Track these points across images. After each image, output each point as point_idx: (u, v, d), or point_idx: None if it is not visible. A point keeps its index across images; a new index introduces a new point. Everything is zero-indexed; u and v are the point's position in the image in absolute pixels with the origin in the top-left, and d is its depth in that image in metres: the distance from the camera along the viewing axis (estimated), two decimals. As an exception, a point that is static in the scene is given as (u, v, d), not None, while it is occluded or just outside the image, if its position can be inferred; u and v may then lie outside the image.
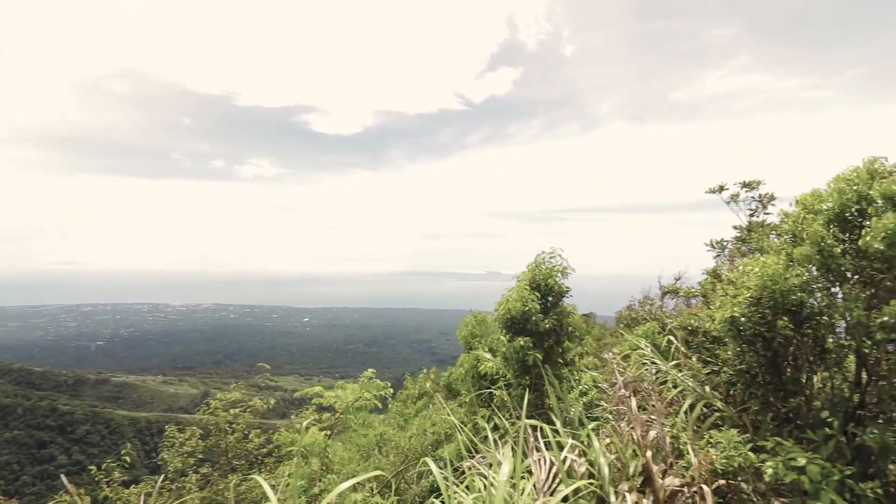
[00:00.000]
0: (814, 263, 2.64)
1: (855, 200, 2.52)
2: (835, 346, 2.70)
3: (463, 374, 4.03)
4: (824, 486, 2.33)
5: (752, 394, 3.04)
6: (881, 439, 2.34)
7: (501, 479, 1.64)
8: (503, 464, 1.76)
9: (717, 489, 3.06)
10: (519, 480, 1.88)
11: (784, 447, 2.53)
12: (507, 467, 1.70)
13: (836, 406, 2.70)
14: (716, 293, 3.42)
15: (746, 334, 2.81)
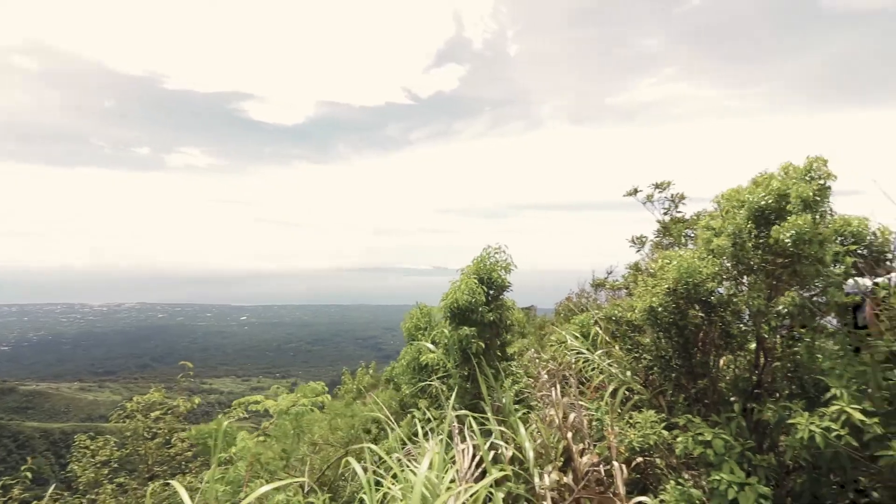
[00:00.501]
0: (727, 255, 2.88)
1: (775, 199, 2.75)
2: (739, 333, 2.96)
3: (404, 366, 4.03)
4: (727, 458, 2.57)
5: (666, 377, 3.29)
6: (775, 414, 2.60)
7: (421, 470, 1.65)
8: (425, 455, 1.78)
9: (635, 466, 3.30)
10: (442, 469, 1.91)
11: (694, 424, 2.75)
12: (427, 458, 1.72)
13: (738, 386, 2.98)
14: (637, 285, 3.66)
15: (662, 322, 3.02)
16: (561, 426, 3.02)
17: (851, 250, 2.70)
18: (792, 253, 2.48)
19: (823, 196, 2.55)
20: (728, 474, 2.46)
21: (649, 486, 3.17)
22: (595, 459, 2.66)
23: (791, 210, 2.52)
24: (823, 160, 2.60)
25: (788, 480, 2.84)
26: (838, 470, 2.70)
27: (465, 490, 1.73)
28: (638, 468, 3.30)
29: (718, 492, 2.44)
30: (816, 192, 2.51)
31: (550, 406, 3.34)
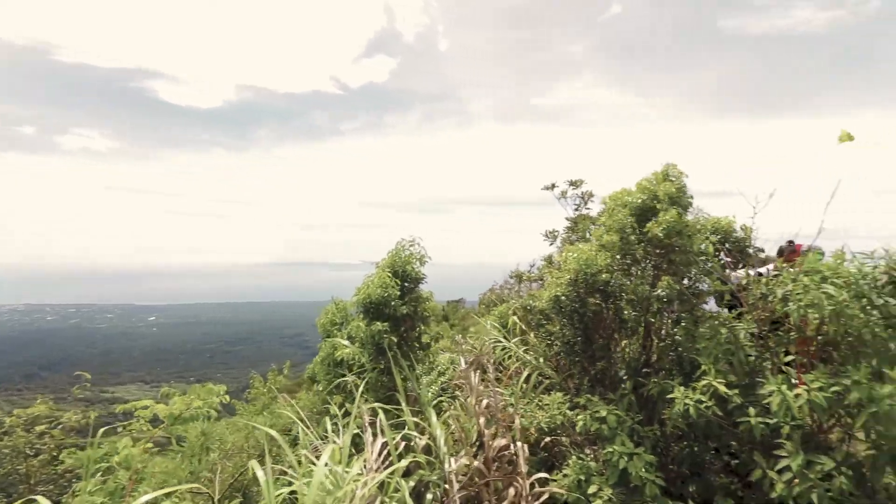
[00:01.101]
0: (616, 249, 3.15)
1: (650, 198, 3.08)
2: (630, 318, 3.26)
3: (319, 363, 3.94)
4: (619, 432, 2.83)
5: (572, 361, 3.55)
6: (659, 388, 2.91)
7: (320, 463, 1.63)
8: (326, 449, 1.76)
9: (545, 445, 3.53)
10: (346, 462, 1.90)
11: (592, 403, 3.00)
12: (327, 452, 1.71)
13: (630, 366, 3.29)
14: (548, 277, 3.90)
15: (566, 310, 3.25)
16: (476, 412, 3.13)
17: (718, 243, 3.10)
18: (666, 244, 2.78)
19: (682, 194, 2.90)
20: (620, 446, 2.71)
21: (556, 463, 3.41)
22: (504, 442, 2.79)
23: (660, 208, 2.83)
24: (675, 165, 2.97)
25: (672, 448, 3.20)
26: (713, 436, 3.09)
27: (371, 479, 1.74)
28: (547, 447, 3.53)
29: (611, 463, 2.69)
30: (678, 191, 2.86)
31: (468, 393, 3.46)
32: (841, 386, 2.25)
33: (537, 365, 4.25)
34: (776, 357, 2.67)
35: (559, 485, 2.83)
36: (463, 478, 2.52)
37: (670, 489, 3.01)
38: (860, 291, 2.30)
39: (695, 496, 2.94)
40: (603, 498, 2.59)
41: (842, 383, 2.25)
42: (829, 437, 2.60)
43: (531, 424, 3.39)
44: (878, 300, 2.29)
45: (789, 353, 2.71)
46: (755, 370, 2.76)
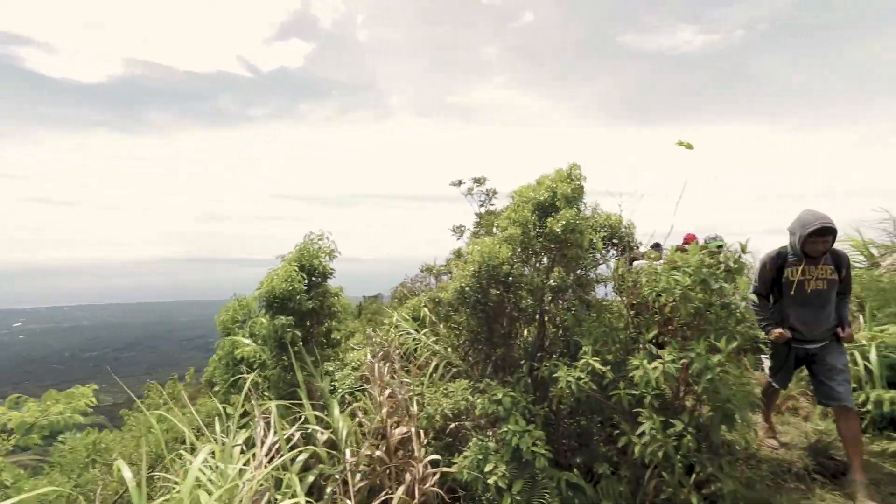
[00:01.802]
0: (517, 242, 3.38)
1: (551, 196, 3.33)
2: (528, 306, 3.52)
3: (217, 362, 3.71)
4: (514, 412, 3.05)
5: (476, 349, 3.75)
6: (550, 370, 3.18)
7: (195, 463, 1.58)
8: (204, 448, 1.71)
9: (450, 430, 3.69)
10: (230, 459, 1.85)
11: (491, 387, 3.20)
12: (204, 451, 1.66)
13: (527, 351, 3.56)
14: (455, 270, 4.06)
15: (470, 301, 3.42)
16: (380, 403, 3.19)
17: (606, 238, 3.47)
18: (562, 239, 3.06)
19: (579, 194, 3.21)
20: (514, 425, 2.93)
21: (460, 446, 3.58)
22: (405, 430, 2.88)
23: (560, 205, 3.10)
24: (578, 166, 3.27)
25: (562, 424, 3.52)
26: (598, 411, 3.46)
27: (258, 474, 1.71)
28: (452, 433, 3.70)
29: (506, 441, 2.90)
30: (574, 191, 3.15)
31: (374, 385, 3.50)
32: (687, 358, 2.66)
33: (445, 355, 4.42)
34: (642, 336, 3.06)
35: (460, 466, 2.98)
36: (366, 468, 2.56)
37: (560, 461, 3.31)
38: (702, 278, 2.73)
39: (580, 465, 3.26)
40: (497, 474, 2.78)
41: (688, 356, 2.66)
42: (683, 404, 3.04)
43: (436, 412, 3.52)
44: (715, 285, 2.73)
45: (654, 333, 3.13)
46: (628, 349, 3.15)
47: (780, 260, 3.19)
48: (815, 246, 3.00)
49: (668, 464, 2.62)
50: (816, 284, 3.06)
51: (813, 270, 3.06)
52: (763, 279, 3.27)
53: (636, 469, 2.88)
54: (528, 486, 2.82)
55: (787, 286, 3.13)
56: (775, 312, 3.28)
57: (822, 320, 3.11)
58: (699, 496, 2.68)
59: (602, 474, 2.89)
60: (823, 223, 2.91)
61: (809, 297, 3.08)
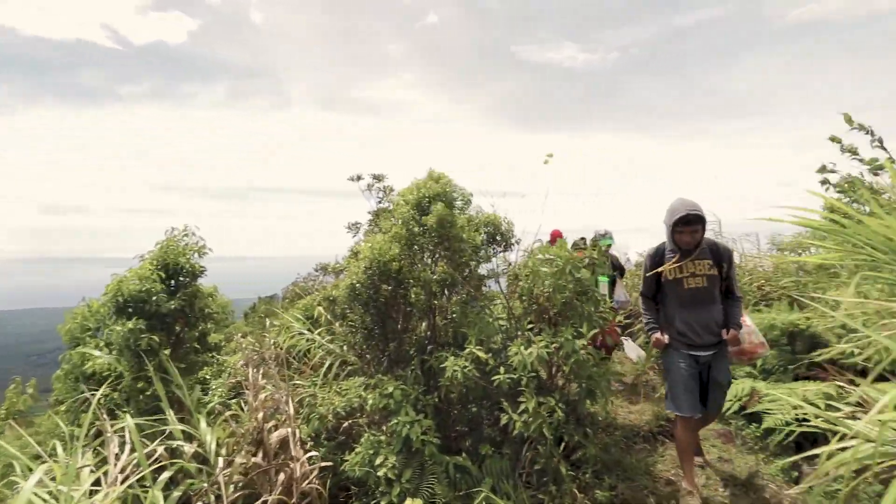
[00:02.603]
0: (404, 240, 3.46)
1: (426, 195, 3.46)
2: (418, 300, 3.62)
3: (62, 378, 3.20)
4: (405, 405, 3.13)
5: (370, 346, 3.76)
6: (439, 362, 3.32)
7: (26, 487, 1.39)
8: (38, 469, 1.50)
9: (343, 429, 3.65)
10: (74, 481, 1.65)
11: (382, 381, 3.25)
12: (38, 473, 1.46)
13: (418, 344, 3.67)
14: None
15: (362, 298, 3.42)
16: (255, 408, 3.05)
17: (489, 234, 3.71)
18: (442, 235, 3.21)
19: (449, 192, 3.45)
20: (404, 416, 3.02)
21: (354, 445, 3.57)
22: (284, 432, 2.79)
23: (434, 203, 3.28)
24: (436, 170, 3.55)
25: (451, 412, 3.70)
26: (485, 397, 3.68)
27: (111, 493, 1.54)
28: (345, 431, 3.67)
29: (396, 433, 2.97)
30: (443, 189, 3.38)
31: (250, 390, 3.33)
32: (557, 342, 2.97)
33: (341, 353, 4.35)
34: (521, 325, 3.34)
35: (351, 462, 2.98)
36: (241, 477, 2.43)
37: (450, 446, 3.48)
38: (567, 270, 3.07)
39: (469, 449, 3.45)
40: (387, 466, 2.84)
41: (558, 341, 2.98)
42: (556, 383, 3.39)
43: (329, 411, 3.47)
44: (578, 275, 3.09)
45: (531, 322, 3.43)
46: (509, 337, 3.41)
47: (657, 257, 2.95)
48: (682, 237, 2.75)
49: (542, 437, 2.91)
50: (695, 281, 2.78)
51: (689, 266, 2.79)
52: (646, 279, 3.02)
53: (515, 446, 3.14)
54: (417, 473, 2.92)
55: (667, 285, 2.90)
56: (662, 315, 3.03)
57: (708, 322, 2.79)
58: (567, 463, 3.02)
59: (486, 454, 3.10)
60: (690, 210, 2.64)
61: (689, 296, 2.81)
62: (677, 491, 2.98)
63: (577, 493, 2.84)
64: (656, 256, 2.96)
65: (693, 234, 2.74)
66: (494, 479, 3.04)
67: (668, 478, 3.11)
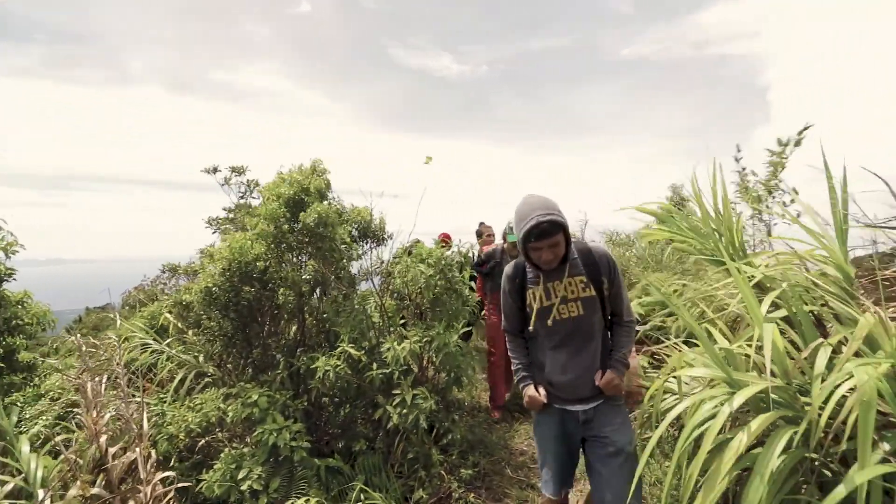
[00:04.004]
0: (271, 238, 3.28)
1: (301, 190, 3.33)
2: (285, 301, 3.46)
3: None
4: (271, 411, 2.97)
5: (230, 353, 3.47)
6: (309, 363, 3.22)
7: None
8: None
9: (200, 448, 3.31)
10: None
11: (245, 389, 3.03)
12: None
13: (285, 348, 3.51)
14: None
15: (220, 301, 3.14)
16: (95, 430, 2.61)
17: (358, 232, 3.72)
18: (315, 233, 3.14)
19: (328, 188, 3.38)
20: (270, 424, 2.86)
21: (213, 463, 3.26)
22: (134, 455, 2.45)
23: (310, 200, 3.18)
24: (321, 160, 3.45)
25: (323, 414, 3.62)
26: (359, 396, 3.67)
27: None
28: (202, 449, 3.32)
29: (262, 442, 2.81)
30: (325, 185, 3.30)
31: (87, 410, 2.83)
32: (429, 337, 3.13)
33: (196, 364, 3.92)
34: (394, 322, 3.43)
35: (209, 481, 2.73)
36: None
37: (323, 450, 3.40)
38: (440, 269, 3.26)
39: (342, 449, 3.42)
40: (252, 478, 2.67)
41: (430, 335, 3.14)
42: (426, 375, 3.56)
43: (180, 429, 3.11)
44: (450, 274, 3.31)
45: (404, 318, 3.55)
46: (382, 334, 3.48)
47: (517, 278, 2.07)
48: (540, 254, 1.86)
49: (415, 427, 3.04)
50: (567, 310, 1.93)
51: (557, 288, 1.95)
52: (507, 309, 2.13)
53: (388, 438, 3.22)
54: (286, 481, 2.81)
55: (534, 316, 1.99)
56: (532, 354, 2.12)
57: (586, 364, 1.95)
58: (437, 448, 3.21)
59: (359, 451, 3.12)
60: (542, 216, 1.76)
61: (561, 331, 1.96)
62: (530, 459, 3.39)
63: (444, 475, 3.04)
64: (515, 278, 2.06)
65: (553, 249, 1.83)
66: (367, 474, 3.07)
67: (522, 448, 3.52)
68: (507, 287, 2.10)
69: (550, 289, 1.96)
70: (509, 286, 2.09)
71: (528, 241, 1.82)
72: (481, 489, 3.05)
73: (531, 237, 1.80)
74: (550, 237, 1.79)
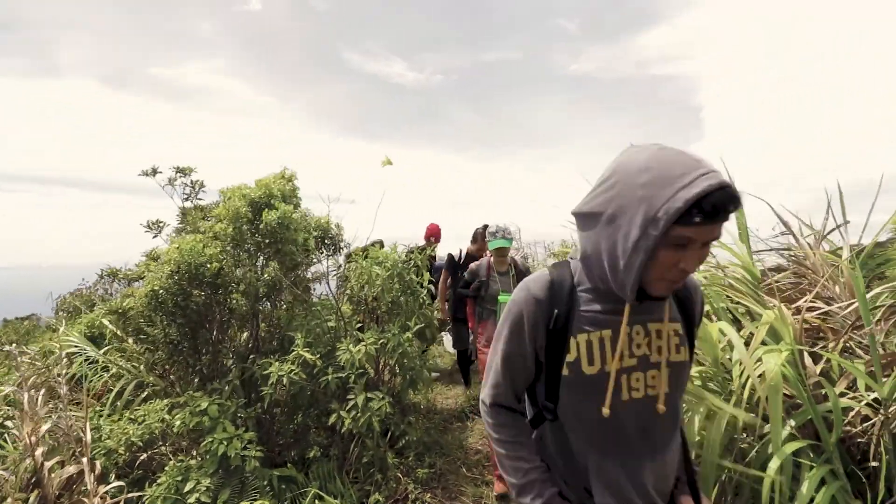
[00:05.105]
0: (229, 240, 3.21)
1: (266, 194, 3.28)
2: (238, 306, 3.38)
3: None
4: (222, 420, 2.88)
5: (177, 361, 3.33)
6: (262, 369, 3.16)
7: None
8: None
9: (140, 463, 3.14)
10: None
11: (194, 398, 2.92)
12: None
13: (239, 354, 3.41)
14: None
15: (166, 306, 3.02)
16: (30, 444, 2.43)
17: (318, 238, 3.70)
18: (278, 236, 3.11)
19: (294, 193, 3.37)
20: (220, 433, 2.78)
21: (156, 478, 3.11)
22: (73, 469, 2.31)
23: (276, 203, 3.16)
24: (294, 172, 3.46)
25: (276, 422, 3.54)
26: (313, 403, 3.62)
27: None
28: (143, 463, 3.15)
29: (211, 452, 2.71)
30: (291, 190, 3.29)
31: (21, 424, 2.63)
32: (385, 339, 3.17)
33: (136, 374, 3.71)
34: (350, 325, 3.44)
35: (152, 496, 2.60)
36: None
37: (275, 459, 3.33)
38: (396, 271, 3.31)
39: (295, 459, 3.36)
40: (199, 490, 2.58)
41: (385, 336, 3.17)
42: (382, 378, 3.58)
43: (119, 444, 2.94)
44: (406, 277, 3.36)
45: (360, 321, 3.56)
46: (338, 338, 3.47)
47: (556, 308, 0.98)
48: (684, 257, 0.82)
49: (370, 431, 3.05)
50: (644, 382, 0.97)
51: (640, 339, 0.96)
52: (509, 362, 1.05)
53: (343, 444, 3.21)
54: (236, 492, 2.73)
55: (570, 385, 0.97)
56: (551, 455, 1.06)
57: (662, 482, 1.00)
58: (393, 451, 3.23)
59: (313, 458, 3.09)
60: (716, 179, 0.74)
61: (625, 425, 0.97)
62: (484, 458, 3.48)
63: (400, 477, 3.07)
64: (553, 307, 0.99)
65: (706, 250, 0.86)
66: (322, 481, 3.04)
67: (477, 448, 3.61)
68: (528, 319, 0.99)
69: (634, 334, 0.96)
70: (533, 319, 0.99)
71: (687, 219, 0.77)
72: (437, 489, 3.10)
73: (701, 212, 0.76)
74: (725, 218, 0.81)
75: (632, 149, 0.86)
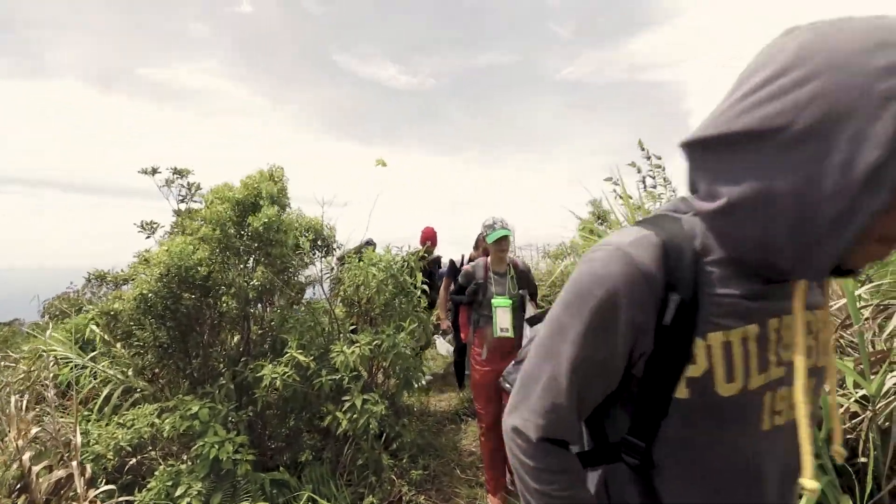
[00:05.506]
0: (216, 242, 3.17)
1: (253, 194, 3.26)
2: (229, 309, 3.34)
3: None
4: (213, 424, 2.85)
5: (167, 365, 3.28)
6: (254, 372, 3.12)
7: None
8: None
9: (130, 468, 3.09)
10: None
11: (184, 402, 2.88)
12: None
13: (230, 358, 3.38)
14: (139, 275, 3.43)
15: (156, 310, 2.98)
16: (16, 449, 2.39)
17: (311, 240, 3.68)
18: (266, 239, 3.08)
19: (283, 194, 3.34)
20: (211, 437, 2.74)
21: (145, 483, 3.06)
22: (62, 473, 2.27)
23: (263, 204, 3.13)
24: (281, 168, 3.41)
25: (268, 426, 3.50)
26: (305, 407, 3.59)
27: None
28: (133, 468, 3.10)
29: (202, 456, 2.68)
30: (279, 191, 3.26)
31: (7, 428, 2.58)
32: (379, 340, 3.15)
33: (124, 379, 3.66)
34: (343, 327, 3.42)
35: (142, 500, 2.56)
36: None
37: (267, 463, 3.29)
38: (390, 272, 3.30)
39: (287, 462, 3.33)
40: (191, 495, 2.54)
41: (380, 338, 3.16)
42: (377, 381, 3.57)
43: (108, 448, 2.89)
44: (400, 278, 3.35)
45: (353, 324, 3.54)
46: (331, 340, 3.45)
47: (674, 284, 0.59)
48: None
49: (365, 433, 3.03)
50: (788, 400, 0.61)
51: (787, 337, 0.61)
52: (582, 380, 0.64)
53: (337, 447, 3.19)
54: (228, 495, 2.70)
55: (702, 417, 0.60)
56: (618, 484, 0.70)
57: None
58: (387, 454, 3.21)
59: (305, 462, 3.06)
60: None
61: (773, 462, 0.61)
62: (478, 459, 3.48)
63: (394, 479, 3.05)
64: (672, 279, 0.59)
65: None
66: (315, 484, 3.02)
67: (471, 450, 3.60)
68: (627, 305, 0.61)
69: (769, 340, 0.61)
70: (636, 306, 0.61)
71: None
72: (431, 490, 3.09)
73: None
74: None
75: (820, 24, 0.50)
